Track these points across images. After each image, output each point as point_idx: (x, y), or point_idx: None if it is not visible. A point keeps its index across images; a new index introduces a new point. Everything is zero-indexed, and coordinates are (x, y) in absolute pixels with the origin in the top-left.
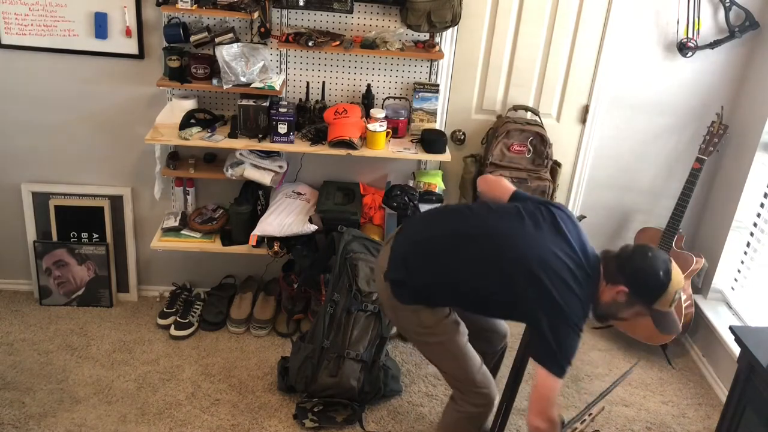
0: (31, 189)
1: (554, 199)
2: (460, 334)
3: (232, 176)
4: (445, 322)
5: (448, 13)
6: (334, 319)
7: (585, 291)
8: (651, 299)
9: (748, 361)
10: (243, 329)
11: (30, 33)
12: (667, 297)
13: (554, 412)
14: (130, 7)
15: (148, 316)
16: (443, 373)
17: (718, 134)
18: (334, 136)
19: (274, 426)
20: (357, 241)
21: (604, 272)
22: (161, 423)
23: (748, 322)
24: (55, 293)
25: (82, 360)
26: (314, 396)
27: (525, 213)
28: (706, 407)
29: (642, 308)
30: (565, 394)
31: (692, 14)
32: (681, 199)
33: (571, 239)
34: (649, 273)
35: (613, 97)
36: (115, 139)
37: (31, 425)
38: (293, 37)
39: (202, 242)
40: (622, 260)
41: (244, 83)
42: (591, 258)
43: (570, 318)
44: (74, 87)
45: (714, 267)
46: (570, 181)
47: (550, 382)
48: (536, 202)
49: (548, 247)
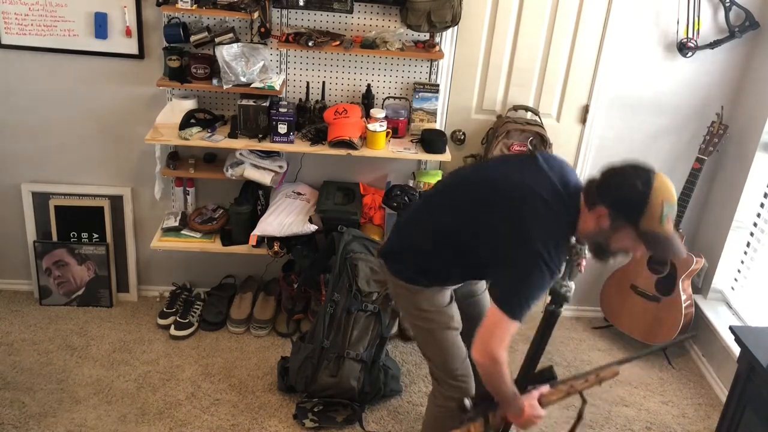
0: (31, 189)
1: None
2: (451, 329)
3: (232, 176)
4: (440, 311)
5: (448, 13)
6: (334, 319)
7: (562, 221)
8: (634, 215)
9: (748, 361)
10: (243, 329)
11: (30, 33)
12: (652, 211)
13: (500, 350)
14: (130, 7)
15: (148, 316)
16: (426, 359)
17: (718, 134)
18: (334, 136)
19: (274, 426)
20: (357, 241)
21: (585, 199)
22: (161, 423)
23: (748, 322)
24: (55, 293)
25: (82, 360)
26: (314, 396)
27: (502, 158)
28: (706, 407)
29: (629, 231)
30: None
31: (692, 14)
32: (681, 199)
33: (549, 173)
34: (626, 184)
35: (613, 97)
36: (115, 139)
37: (31, 425)
38: (293, 37)
39: (202, 242)
40: (601, 180)
41: (244, 83)
42: (571, 188)
43: (539, 252)
44: (74, 87)
45: (714, 267)
46: None
47: (497, 318)
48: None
49: (522, 180)
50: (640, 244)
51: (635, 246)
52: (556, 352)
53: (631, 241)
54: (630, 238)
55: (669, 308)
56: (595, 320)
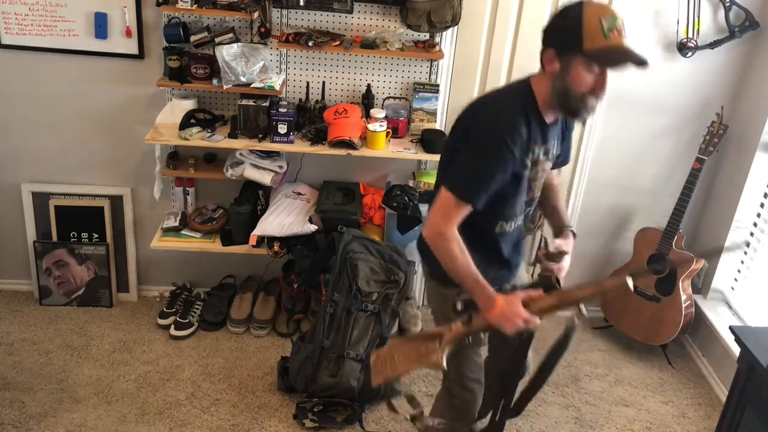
0: (31, 189)
1: None
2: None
3: (232, 176)
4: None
5: (448, 13)
6: (334, 319)
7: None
8: (575, 40)
9: (748, 361)
10: (243, 329)
11: (30, 33)
12: (590, 28)
13: (445, 226)
14: (130, 7)
15: (148, 316)
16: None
17: (718, 134)
18: (334, 136)
19: (274, 426)
20: (357, 241)
21: (540, 65)
22: (161, 423)
23: (748, 322)
24: (55, 293)
25: (82, 360)
26: (314, 396)
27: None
28: (706, 407)
29: (579, 60)
30: (565, 394)
31: (692, 14)
32: (681, 199)
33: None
34: (558, 17)
35: (613, 97)
36: (115, 139)
37: (31, 425)
38: (293, 37)
39: (202, 242)
40: (542, 34)
41: (244, 83)
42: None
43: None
44: (74, 87)
45: (714, 267)
46: (570, 181)
47: (444, 196)
48: None
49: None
50: (593, 67)
51: (592, 74)
52: None
53: (585, 70)
54: (583, 67)
55: (669, 308)
56: (595, 320)
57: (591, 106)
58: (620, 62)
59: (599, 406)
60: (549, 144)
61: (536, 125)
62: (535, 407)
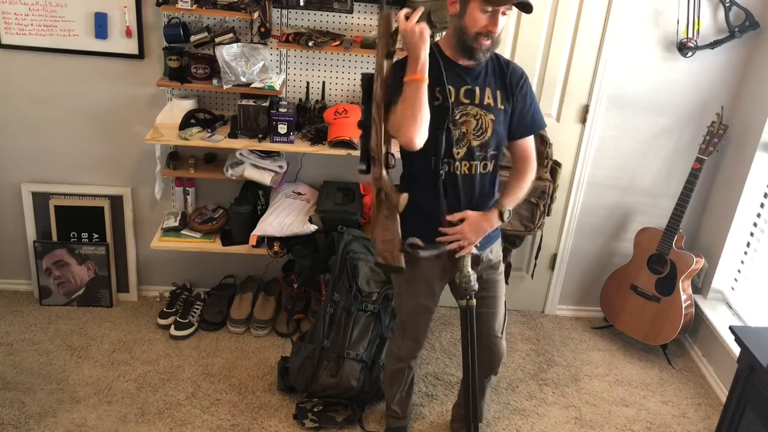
0: (31, 189)
1: (554, 200)
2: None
3: (232, 176)
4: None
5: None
6: (334, 319)
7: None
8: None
9: (748, 361)
10: (243, 329)
11: (30, 33)
12: None
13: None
14: (130, 7)
15: (148, 316)
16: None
17: (718, 134)
18: (334, 136)
19: (274, 426)
20: (357, 241)
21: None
22: (161, 423)
23: (748, 322)
24: (55, 293)
25: (82, 360)
26: (314, 396)
27: None
28: (706, 407)
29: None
30: (565, 394)
31: (692, 14)
32: (681, 199)
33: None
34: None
35: (612, 97)
36: (115, 139)
37: (31, 425)
38: (293, 37)
39: (202, 242)
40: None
41: (244, 83)
42: None
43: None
44: (74, 87)
45: (714, 267)
46: (570, 181)
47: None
48: None
49: None
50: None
51: (484, 15)
52: (556, 352)
53: (479, 11)
54: (477, 7)
55: (669, 308)
56: (595, 320)
57: (484, 46)
58: (507, 2)
59: (599, 406)
60: (472, 87)
61: (446, 64)
62: (535, 407)
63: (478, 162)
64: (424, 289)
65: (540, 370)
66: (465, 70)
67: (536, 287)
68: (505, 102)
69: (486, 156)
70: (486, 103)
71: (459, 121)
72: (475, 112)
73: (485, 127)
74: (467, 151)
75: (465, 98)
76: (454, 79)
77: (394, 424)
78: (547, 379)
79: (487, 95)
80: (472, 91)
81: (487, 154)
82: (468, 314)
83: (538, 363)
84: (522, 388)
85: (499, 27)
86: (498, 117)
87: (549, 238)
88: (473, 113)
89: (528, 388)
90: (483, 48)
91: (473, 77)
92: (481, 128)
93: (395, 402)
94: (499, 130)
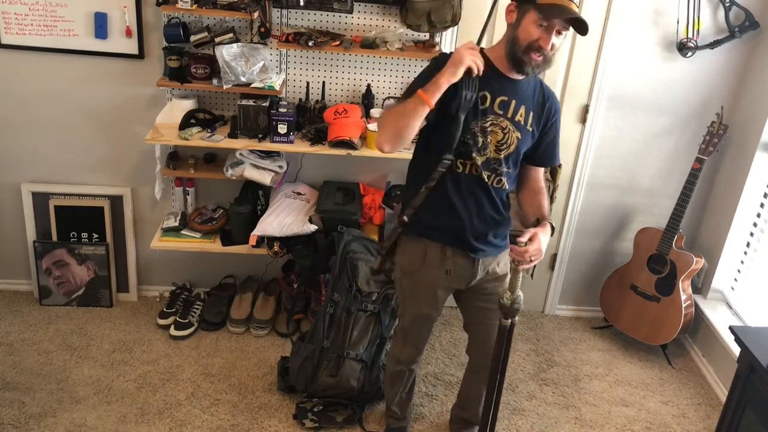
0: (31, 189)
1: (554, 200)
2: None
3: (232, 176)
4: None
5: (448, 13)
6: (334, 319)
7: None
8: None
9: (748, 361)
10: (243, 329)
11: (30, 33)
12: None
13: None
14: (130, 7)
15: (148, 316)
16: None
17: (718, 134)
18: (334, 136)
19: (274, 426)
20: (357, 241)
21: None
22: (161, 423)
23: (748, 322)
24: (55, 293)
25: (82, 360)
26: (314, 396)
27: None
28: (706, 407)
29: (531, 12)
30: (565, 394)
31: (692, 14)
32: (681, 199)
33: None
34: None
35: (612, 97)
36: (115, 139)
37: (31, 425)
38: (293, 37)
39: (202, 242)
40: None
41: (244, 83)
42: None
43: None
44: (74, 87)
45: (714, 267)
46: (570, 181)
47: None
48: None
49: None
50: (542, 21)
51: (538, 29)
52: (556, 352)
53: (533, 23)
54: (532, 19)
55: (669, 308)
56: (595, 320)
57: (534, 62)
58: (561, 16)
59: (599, 406)
60: (508, 99)
61: (491, 72)
62: (535, 407)
63: (493, 174)
64: (427, 298)
65: (540, 370)
66: (508, 81)
67: (536, 287)
68: (534, 126)
69: (501, 171)
70: (517, 119)
71: (488, 129)
72: (505, 125)
73: (510, 142)
74: (485, 161)
75: (499, 109)
76: (494, 87)
77: (393, 425)
78: (547, 379)
79: (521, 113)
80: (507, 104)
81: (503, 170)
82: (508, 334)
83: (538, 363)
84: (522, 388)
85: (554, 45)
86: (524, 137)
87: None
88: (503, 126)
89: (528, 388)
90: (533, 63)
91: (513, 91)
92: (506, 143)
93: (395, 403)
94: (521, 150)
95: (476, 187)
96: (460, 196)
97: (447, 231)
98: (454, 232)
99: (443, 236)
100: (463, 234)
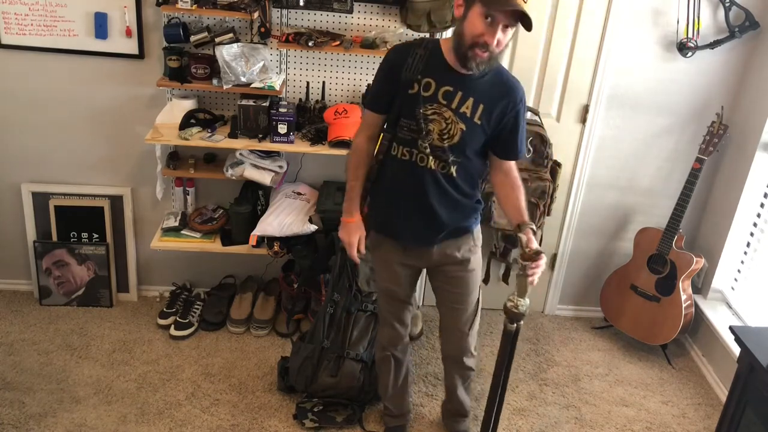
0: (31, 189)
1: (554, 200)
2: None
3: (232, 176)
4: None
5: (448, 13)
6: (334, 319)
7: (411, 44)
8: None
9: (748, 361)
10: (243, 329)
11: (30, 33)
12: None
13: (357, 136)
14: (130, 7)
15: (148, 316)
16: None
17: (718, 134)
18: (334, 136)
19: (274, 426)
20: None
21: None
22: (161, 423)
23: (748, 322)
24: (55, 293)
25: (82, 360)
26: (314, 396)
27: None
28: (706, 407)
29: (477, 6)
30: (565, 394)
31: (692, 14)
32: (681, 199)
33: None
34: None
35: (612, 97)
36: (115, 139)
37: (31, 425)
38: (293, 37)
39: (202, 242)
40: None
41: (244, 83)
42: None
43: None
44: (74, 87)
45: (714, 267)
46: (570, 181)
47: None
48: None
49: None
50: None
51: (483, 23)
52: (556, 352)
53: (479, 17)
54: (478, 14)
55: (669, 308)
56: (595, 320)
57: (479, 58)
58: (504, 8)
59: (599, 406)
60: (454, 90)
61: (438, 62)
62: (535, 407)
63: (439, 161)
64: (388, 274)
65: (540, 370)
66: (458, 76)
67: (536, 287)
68: (484, 119)
69: (447, 159)
70: (462, 111)
71: (429, 116)
72: (447, 116)
73: (453, 133)
74: (431, 149)
75: (443, 98)
76: (440, 76)
77: (391, 423)
78: (547, 379)
79: (467, 104)
80: (452, 95)
81: (449, 158)
82: (513, 337)
83: (538, 363)
84: (522, 388)
85: (498, 41)
86: (471, 129)
87: (549, 238)
88: (445, 116)
89: (528, 388)
90: (478, 60)
91: (460, 83)
92: (448, 132)
93: (388, 397)
94: (469, 142)
95: (424, 174)
96: (405, 183)
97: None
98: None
99: (389, 229)
100: (404, 228)
